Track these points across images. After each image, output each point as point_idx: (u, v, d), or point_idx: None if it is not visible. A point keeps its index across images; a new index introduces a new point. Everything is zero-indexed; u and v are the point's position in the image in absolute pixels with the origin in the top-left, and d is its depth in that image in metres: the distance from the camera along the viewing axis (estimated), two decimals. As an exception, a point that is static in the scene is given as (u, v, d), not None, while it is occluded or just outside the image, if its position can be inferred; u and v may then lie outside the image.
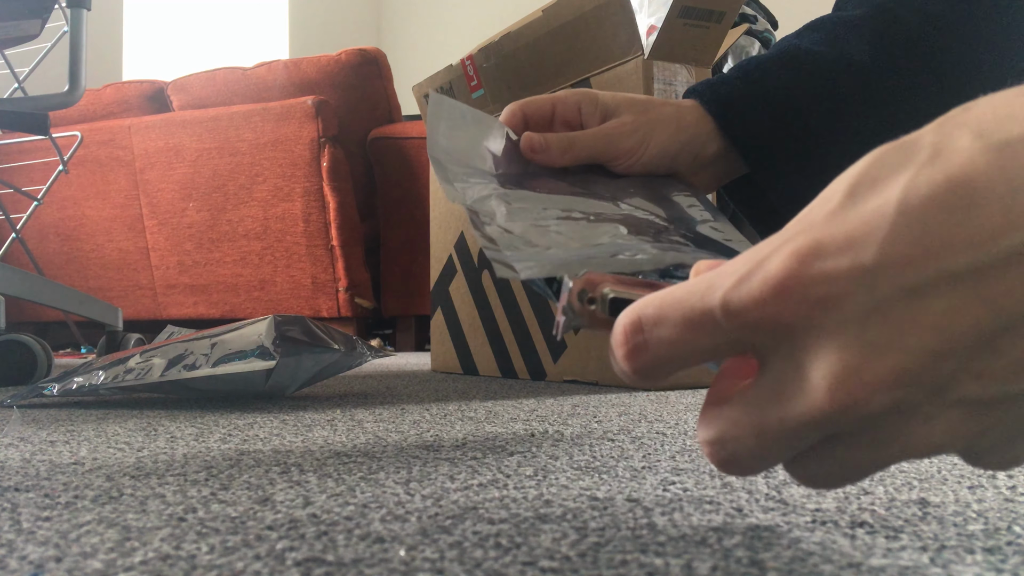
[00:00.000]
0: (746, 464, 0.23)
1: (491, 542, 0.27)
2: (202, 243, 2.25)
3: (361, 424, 0.58)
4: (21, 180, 2.25)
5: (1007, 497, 0.34)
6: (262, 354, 0.69)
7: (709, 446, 0.23)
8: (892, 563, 0.25)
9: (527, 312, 1.04)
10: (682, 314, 0.22)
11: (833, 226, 0.20)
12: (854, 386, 0.20)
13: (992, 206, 0.19)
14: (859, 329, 0.20)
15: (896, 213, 0.19)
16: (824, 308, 0.20)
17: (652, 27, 1.24)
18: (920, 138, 0.20)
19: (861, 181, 0.21)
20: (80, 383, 0.72)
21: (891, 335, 0.19)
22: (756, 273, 0.21)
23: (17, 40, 1.28)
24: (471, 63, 1.11)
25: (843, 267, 0.20)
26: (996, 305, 0.19)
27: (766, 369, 0.22)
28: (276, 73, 2.23)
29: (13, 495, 0.35)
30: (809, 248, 0.20)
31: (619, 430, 0.54)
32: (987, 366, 0.19)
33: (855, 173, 0.21)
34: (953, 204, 0.19)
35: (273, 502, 0.33)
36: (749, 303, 0.21)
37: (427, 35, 4.71)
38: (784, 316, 0.20)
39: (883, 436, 0.21)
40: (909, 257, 0.19)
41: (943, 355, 0.19)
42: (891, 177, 0.20)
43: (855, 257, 0.20)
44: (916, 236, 0.19)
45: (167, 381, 0.70)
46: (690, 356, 0.23)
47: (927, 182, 0.19)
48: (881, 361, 0.19)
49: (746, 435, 0.22)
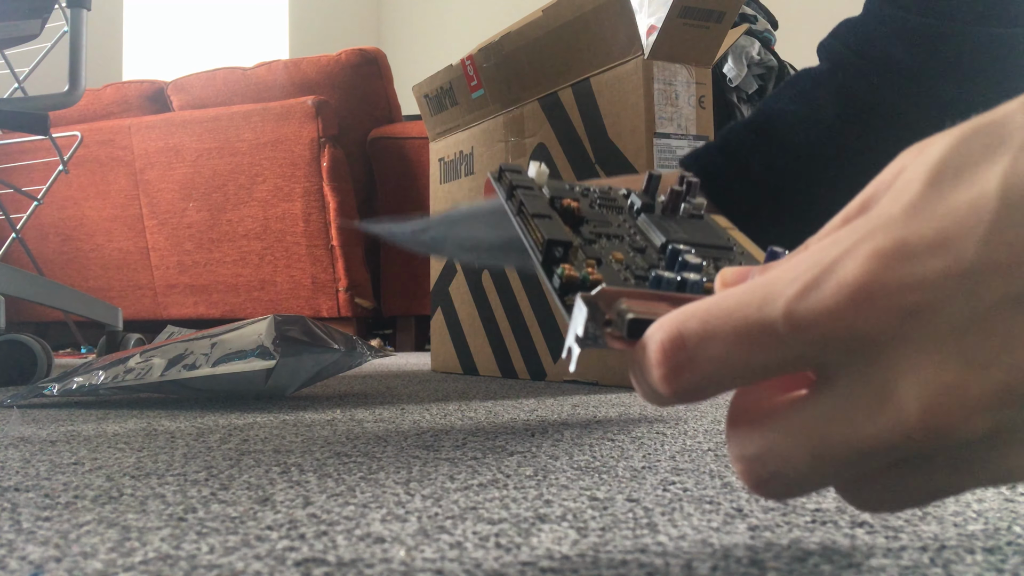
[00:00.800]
0: (791, 486, 0.20)
1: (491, 542, 0.27)
2: (202, 243, 2.25)
3: (361, 424, 0.58)
4: (21, 180, 2.25)
5: (1007, 497, 0.34)
6: (262, 354, 0.69)
7: (746, 463, 0.21)
8: (892, 563, 0.25)
9: (527, 312, 1.04)
10: (734, 328, 0.19)
11: (919, 221, 0.18)
12: (951, 407, 0.17)
13: None
14: (957, 342, 0.17)
15: (997, 206, 0.17)
16: (916, 318, 0.17)
17: (652, 27, 1.24)
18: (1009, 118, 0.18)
19: (944, 168, 0.18)
20: (80, 383, 0.72)
21: (995, 349, 0.17)
22: (826, 279, 0.18)
23: (17, 40, 1.28)
24: (471, 63, 1.11)
25: (937, 270, 0.17)
26: None
27: (833, 383, 0.19)
28: (276, 73, 2.23)
29: (13, 495, 0.35)
30: (894, 248, 0.17)
31: (619, 430, 0.54)
32: None
33: (937, 159, 0.18)
34: None
35: (273, 502, 0.33)
36: (821, 314, 0.18)
37: (427, 35, 4.71)
38: (865, 328, 0.18)
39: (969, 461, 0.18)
40: (1016, 258, 0.17)
41: None
42: (983, 163, 0.18)
43: (952, 258, 0.17)
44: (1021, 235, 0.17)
45: (167, 381, 0.70)
46: (744, 375, 0.20)
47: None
48: (984, 379, 0.17)
49: (799, 454, 0.19)
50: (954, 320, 0.17)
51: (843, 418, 0.19)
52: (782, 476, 0.20)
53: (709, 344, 0.20)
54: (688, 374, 0.20)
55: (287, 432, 0.54)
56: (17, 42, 1.30)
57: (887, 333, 0.18)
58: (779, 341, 0.19)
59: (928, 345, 0.17)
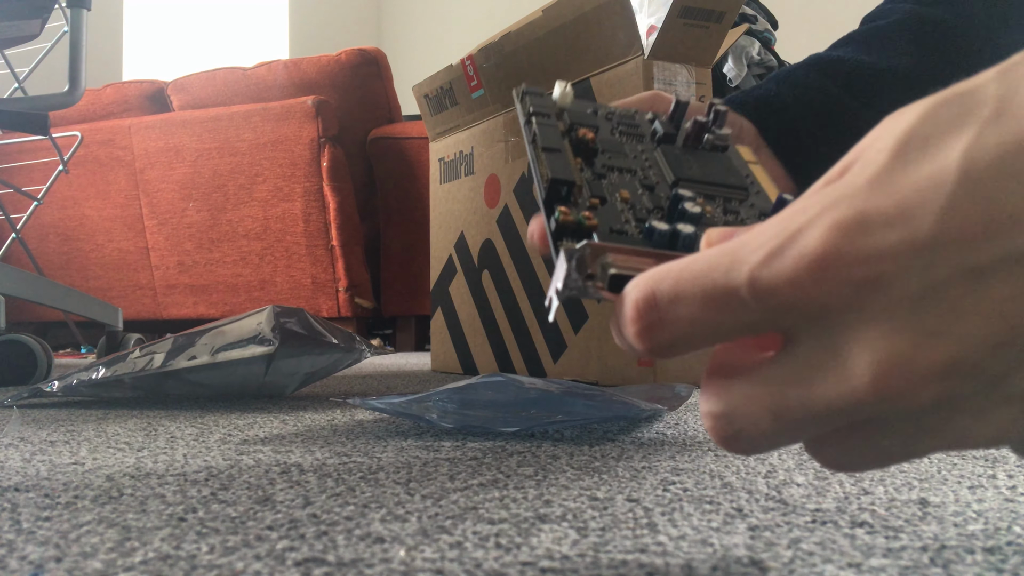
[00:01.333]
0: (754, 443, 0.21)
1: (491, 542, 0.27)
2: (202, 243, 2.25)
3: (361, 424, 0.58)
4: (21, 180, 2.25)
5: (1007, 497, 0.34)
6: (261, 340, 0.69)
7: (714, 419, 0.21)
8: (892, 563, 0.25)
9: (527, 312, 1.04)
10: (702, 290, 0.20)
11: (880, 194, 0.18)
12: (901, 375, 0.18)
13: None
14: (910, 313, 0.17)
15: (957, 180, 0.17)
16: (871, 289, 0.18)
17: (652, 27, 1.25)
18: (980, 89, 0.18)
19: (911, 139, 0.18)
20: (81, 379, 0.72)
21: (947, 321, 0.17)
22: (789, 248, 0.19)
23: (17, 40, 1.28)
24: (471, 63, 1.11)
25: (894, 243, 0.17)
26: None
27: (795, 347, 0.20)
28: (276, 73, 2.23)
29: (13, 495, 0.35)
30: (854, 219, 0.18)
31: (619, 430, 0.54)
32: None
33: (904, 129, 0.18)
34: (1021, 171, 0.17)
35: (273, 502, 0.33)
36: (782, 282, 0.19)
37: (427, 35, 4.71)
38: (823, 297, 0.18)
39: (924, 427, 0.19)
40: (972, 232, 0.17)
41: (1004, 345, 0.17)
42: (948, 136, 0.18)
43: (908, 231, 0.17)
44: (981, 208, 0.17)
45: (168, 372, 0.70)
46: (711, 336, 0.20)
47: (995, 143, 0.17)
48: (934, 349, 0.17)
49: (761, 413, 0.20)
50: (908, 292, 0.17)
51: (801, 381, 0.19)
52: (745, 433, 0.21)
53: (679, 305, 0.20)
54: (659, 333, 0.21)
55: (287, 432, 0.54)
56: (17, 42, 1.30)
57: (843, 303, 0.18)
58: (743, 306, 0.19)
59: (882, 315, 0.18)
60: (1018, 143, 0.17)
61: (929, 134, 0.18)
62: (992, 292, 0.17)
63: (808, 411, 0.19)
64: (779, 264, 0.19)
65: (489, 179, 1.11)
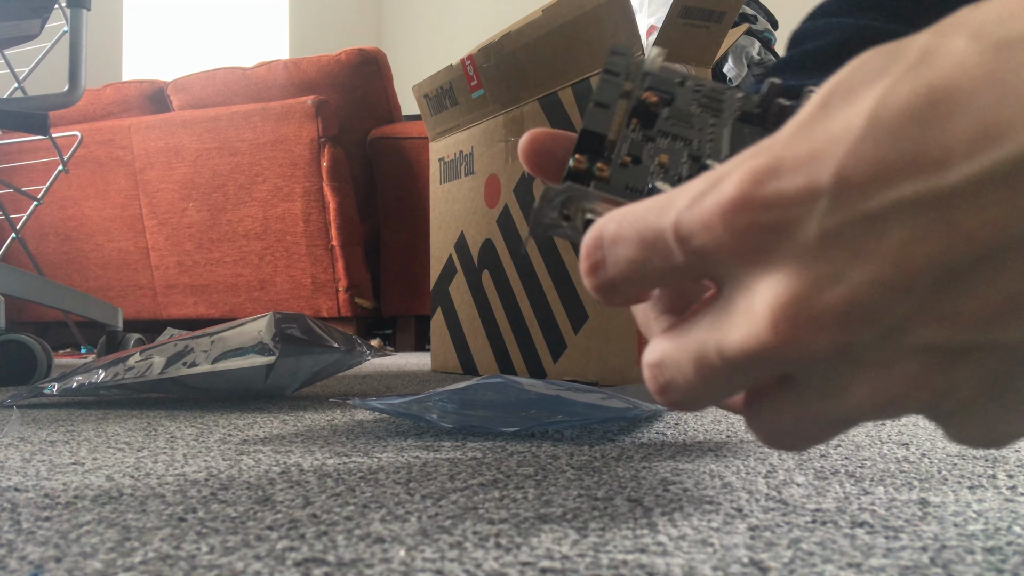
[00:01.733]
0: (682, 393, 0.21)
1: (491, 542, 0.27)
2: (202, 243, 2.25)
3: (361, 424, 0.58)
4: (21, 180, 2.24)
5: (1007, 497, 0.34)
6: (261, 350, 0.69)
7: (647, 368, 0.22)
8: (892, 563, 0.25)
9: (527, 312, 1.04)
10: (638, 232, 0.20)
11: (797, 142, 0.18)
12: (798, 320, 0.18)
13: (972, 115, 0.16)
14: (810, 258, 0.17)
15: (864, 126, 0.17)
16: (776, 234, 0.18)
17: (652, 27, 1.25)
18: (912, 41, 0.18)
19: (836, 91, 0.18)
20: (80, 381, 0.72)
21: (844, 265, 0.17)
22: (710, 193, 0.19)
23: (17, 40, 1.28)
24: (471, 63, 1.11)
25: (797, 188, 0.17)
26: (966, 235, 0.16)
27: (718, 295, 0.20)
28: (276, 73, 2.23)
29: (13, 495, 0.35)
30: (766, 166, 0.18)
31: (619, 430, 0.54)
32: (953, 308, 0.17)
33: (833, 82, 0.18)
34: (929, 116, 0.16)
35: (273, 502, 0.33)
36: (698, 226, 0.19)
37: (427, 35, 4.71)
38: (733, 242, 0.18)
39: (835, 384, 0.19)
40: (871, 177, 0.17)
41: (900, 291, 0.17)
42: (869, 85, 0.17)
43: (811, 176, 0.17)
44: (882, 153, 0.17)
45: (167, 378, 0.70)
46: (646, 278, 0.21)
47: (907, 90, 0.17)
48: (830, 294, 0.17)
49: (686, 361, 0.20)
50: (810, 236, 0.17)
51: (717, 328, 0.20)
52: (675, 383, 0.21)
53: (618, 246, 0.21)
54: (602, 271, 0.21)
55: (287, 432, 0.54)
56: (17, 42, 1.30)
57: (751, 248, 0.18)
58: (669, 249, 0.20)
59: (785, 260, 0.18)
60: (929, 89, 0.16)
61: (854, 84, 0.18)
62: (889, 236, 0.17)
63: (723, 359, 0.19)
64: (698, 208, 0.19)
65: (489, 179, 1.11)
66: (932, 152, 0.16)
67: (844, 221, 0.17)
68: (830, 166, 0.17)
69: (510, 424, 0.50)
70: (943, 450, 0.46)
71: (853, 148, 0.17)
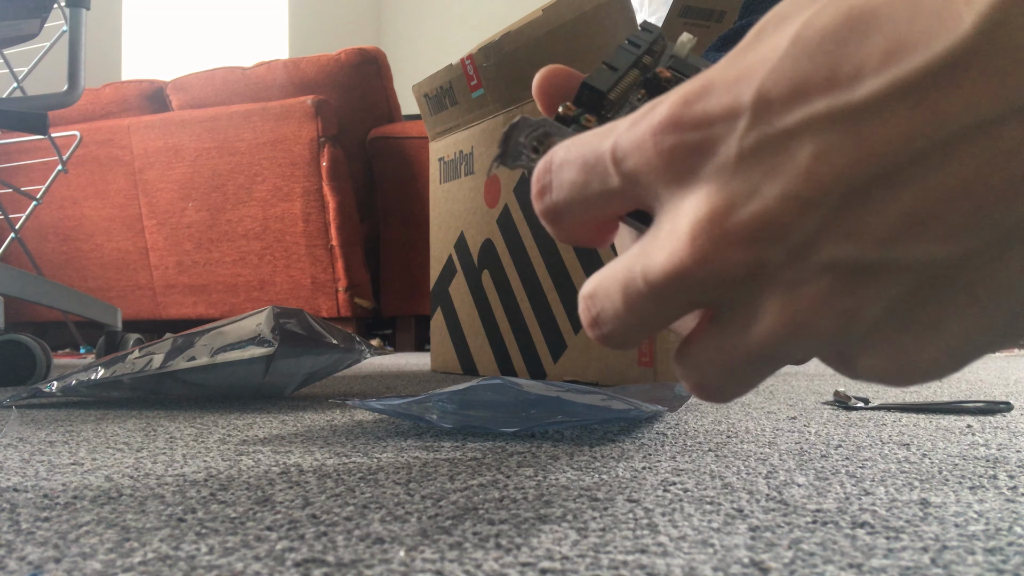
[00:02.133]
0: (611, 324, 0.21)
1: (491, 543, 0.27)
2: (201, 243, 2.25)
3: (361, 424, 0.58)
4: (20, 180, 2.24)
5: (1008, 498, 0.34)
6: (260, 342, 0.69)
7: (582, 301, 0.21)
8: (893, 563, 0.25)
9: (527, 312, 1.04)
10: (581, 155, 0.20)
11: (728, 67, 0.18)
12: (713, 237, 0.18)
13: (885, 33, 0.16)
14: (729, 175, 0.18)
15: (786, 47, 0.17)
16: (700, 153, 0.18)
17: (652, 27, 1.23)
18: None
19: (771, 20, 0.18)
20: (80, 379, 0.72)
21: (759, 182, 0.17)
22: (646, 115, 0.19)
23: (16, 40, 1.28)
24: (471, 63, 1.11)
25: (721, 107, 0.18)
26: (872, 149, 0.16)
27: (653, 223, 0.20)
28: (276, 73, 2.23)
29: (12, 495, 0.35)
30: (697, 88, 0.18)
31: (619, 430, 0.54)
32: (858, 224, 0.17)
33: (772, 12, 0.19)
34: (847, 35, 0.17)
35: (273, 502, 0.33)
36: (631, 147, 0.19)
37: (427, 35, 4.71)
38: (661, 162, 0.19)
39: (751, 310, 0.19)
40: (789, 94, 0.17)
41: (810, 206, 0.17)
42: (799, 12, 0.18)
43: (734, 96, 0.18)
44: (801, 71, 0.17)
45: (167, 374, 0.69)
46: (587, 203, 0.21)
47: (830, 13, 0.17)
48: (744, 210, 0.17)
49: (615, 288, 0.20)
50: (730, 154, 0.18)
51: (645, 253, 0.19)
52: (604, 314, 0.21)
53: (563, 169, 0.21)
54: (548, 195, 0.21)
55: (287, 432, 0.54)
56: (16, 42, 1.29)
57: (676, 167, 0.18)
58: (606, 171, 0.20)
59: (706, 179, 0.18)
60: (849, 11, 0.17)
61: (787, 13, 0.18)
62: (802, 152, 0.17)
63: (648, 283, 0.19)
64: (633, 131, 0.19)
65: (489, 179, 1.11)
66: (846, 69, 0.17)
67: (761, 138, 0.17)
68: (752, 85, 0.17)
69: (510, 424, 0.50)
70: (944, 451, 0.46)
71: (774, 67, 0.17)
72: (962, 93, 0.16)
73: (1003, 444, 0.49)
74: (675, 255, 0.18)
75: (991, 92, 0.16)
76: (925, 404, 0.68)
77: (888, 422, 0.59)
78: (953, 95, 0.16)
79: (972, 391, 0.88)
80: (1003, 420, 0.61)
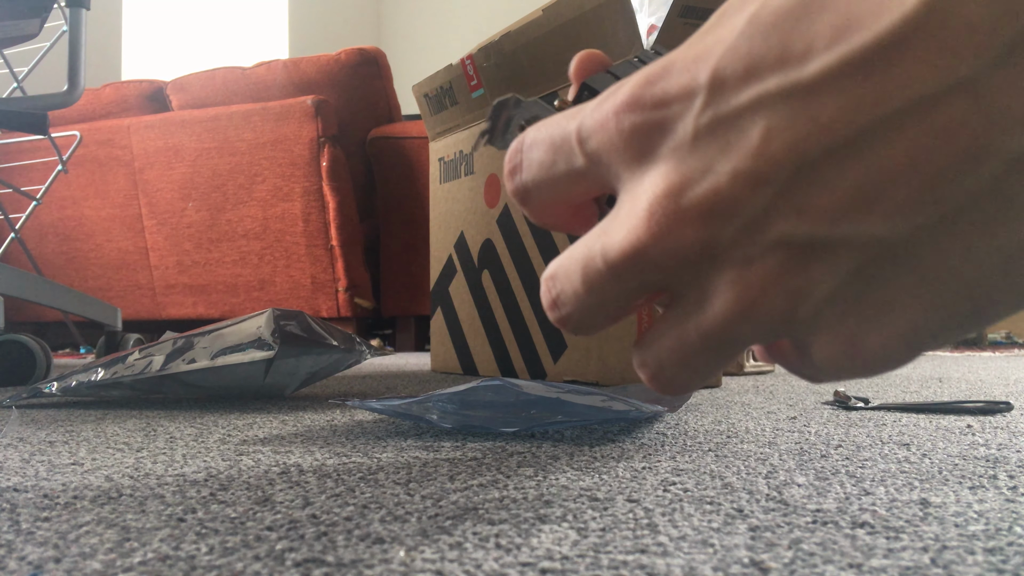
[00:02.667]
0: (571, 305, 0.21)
1: (491, 542, 0.27)
2: (201, 243, 2.25)
3: (361, 424, 0.58)
4: (20, 180, 2.24)
5: (1008, 498, 0.34)
6: (260, 345, 0.69)
7: (544, 283, 0.21)
8: (893, 563, 0.25)
9: (527, 312, 1.04)
10: (549, 136, 0.21)
11: (688, 47, 0.19)
12: (667, 211, 0.18)
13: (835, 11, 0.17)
14: (685, 154, 0.18)
15: (742, 28, 0.17)
16: (659, 132, 0.18)
17: (652, 27, 1.24)
18: None
19: (733, 2, 0.19)
20: (80, 380, 0.72)
21: (712, 160, 0.17)
22: (610, 96, 0.19)
23: (16, 40, 1.28)
24: (471, 63, 1.11)
25: (679, 87, 0.18)
26: (821, 125, 0.16)
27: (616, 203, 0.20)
28: (276, 73, 2.23)
29: (12, 495, 0.35)
30: (658, 68, 0.18)
31: (619, 430, 0.54)
32: (807, 200, 0.17)
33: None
34: (799, 13, 0.17)
35: (273, 502, 0.33)
36: (595, 127, 0.19)
37: (427, 35, 4.71)
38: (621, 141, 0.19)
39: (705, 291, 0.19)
40: (743, 72, 0.17)
41: (761, 183, 0.17)
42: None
43: (692, 76, 0.18)
44: (755, 50, 0.17)
45: (167, 376, 0.69)
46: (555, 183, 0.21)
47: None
48: (697, 188, 0.18)
49: (575, 270, 0.20)
50: (687, 132, 0.18)
51: (604, 233, 0.20)
52: (563, 296, 0.21)
53: (533, 148, 0.21)
54: (518, 175, 0.22)
55: (287, 432, 0.54)
56: (16, 42, 1.29)
57: (636, 147, 0.19)
58: (572, 151, 0.20)
59: (664, 157, 0.18)
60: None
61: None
62: (753, 129, 0.17)
63: (606, 262, 0.19)
64: (598, 111, 0.19)
65: (489, 179, 1.11)
66: (797, 47, 0.17)
67: (716, 116, 0.17)
68: (709, 65, 0.18)
69: (510, 424, 0.50)
70: (944, 451, 0.46)
71: (729, 47, 0.17)
72: (906, 68, 0.16)
73: (1003, 444, 0.49)
74: (632, 233, 0.18)
75: (934, 67, 0.16)
76: (925, 404, 0.68)
77: (888, 422, 0.59)
78: (898, 70, 0.16)
79: (972, 391, 0.88)
80: (1003, 420, 0.61)
